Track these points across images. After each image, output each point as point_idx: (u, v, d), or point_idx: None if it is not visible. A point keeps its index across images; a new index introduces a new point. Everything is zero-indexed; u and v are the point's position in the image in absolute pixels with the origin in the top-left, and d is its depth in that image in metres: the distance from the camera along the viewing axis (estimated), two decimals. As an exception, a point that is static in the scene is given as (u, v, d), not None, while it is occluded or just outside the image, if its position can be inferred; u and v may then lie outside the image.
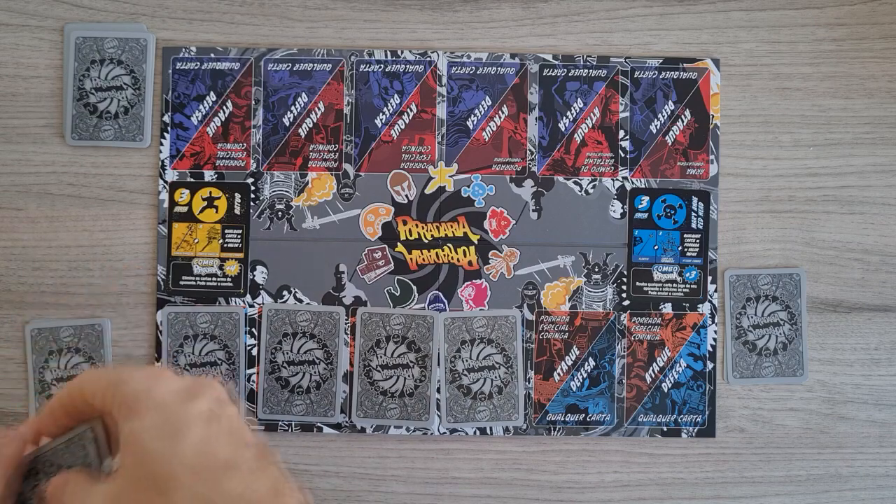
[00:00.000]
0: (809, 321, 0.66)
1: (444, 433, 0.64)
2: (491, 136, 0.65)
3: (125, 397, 0.32)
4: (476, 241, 0.65)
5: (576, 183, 0.65)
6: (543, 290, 0.65)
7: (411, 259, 0.65)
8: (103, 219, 0.64)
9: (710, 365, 0.65)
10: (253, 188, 0.65)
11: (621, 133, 0.66)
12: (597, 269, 0.65)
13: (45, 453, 0.35)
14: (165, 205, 0.64)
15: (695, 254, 0.66)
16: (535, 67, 0.65)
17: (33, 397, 0.63)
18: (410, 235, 0.65)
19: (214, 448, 0.31)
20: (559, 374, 0.65)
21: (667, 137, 0.66)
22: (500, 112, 0.65)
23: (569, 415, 0.65)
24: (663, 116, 0.66)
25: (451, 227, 0.65)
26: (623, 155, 0.66)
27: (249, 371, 0.64)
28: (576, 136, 0.66)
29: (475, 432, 0.64)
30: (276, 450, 0.34)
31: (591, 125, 0.66)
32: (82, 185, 0.64)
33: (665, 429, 0.65)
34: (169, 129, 0.65)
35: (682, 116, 0.66)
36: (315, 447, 0.65)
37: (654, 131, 0.66)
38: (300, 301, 0.64)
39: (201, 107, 0.65)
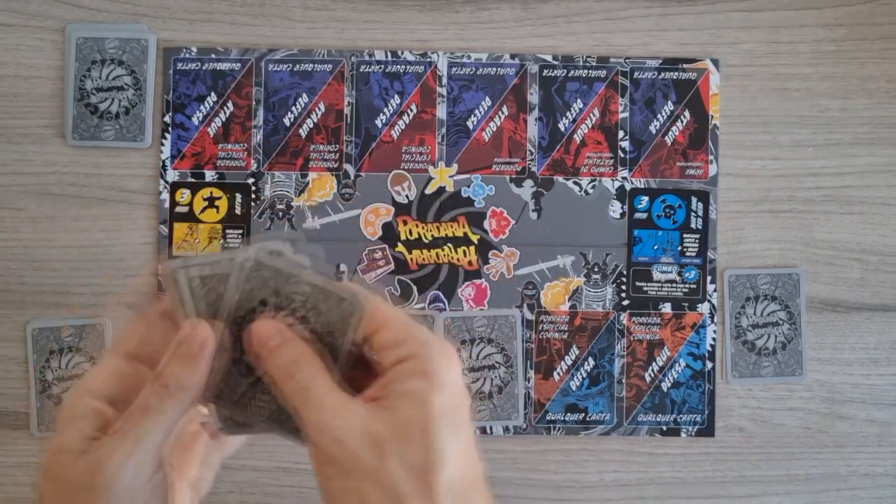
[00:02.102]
0: (808, 321, 0.66)
1: (445, 433, 0.64)
2: (491, 137, 0.66)
3: (426, 358, 0.31)
4: (476, 241, 0.65)
5: (575, 183, 0.66)
6: (543, 289, 0.65)
7: (411, 259, 0.65)
8: (104, 219, 0.65)
9: (709, 364, 0.66)
10: (254, 188, 0.65)
11: (621, 133, 0.66)
12: (596, 269, 0.65)
13: (309, 294, 0.33)
14: (166, 205, 0.65)
15: (694, 254, 0.66)
16: (535, 68, 0.66)
17: (34, 397, 0.63)
18: (411, 235, 0.65)
19: (472, 461, 0.32)
20: (559, 374, 0.65)
21: (666, 138, 0.66)
22: (499, 112, 0.66)
23: (568, 414, 0.65)
24: (663, 117, 0.66)
25: (451, 227, 0.65)
26: (622, 155, 0.66)
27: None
28: (575, 136, 0.66)
29: (475, 431, 0.65)
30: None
31: (590, 125, 0.66)
32: (83, 185, 0.65)
33: (664, 428, 0.65)
34: (170, 129, 0.65)
35: (682, 117, 0.66)
36: (315, 447, 0.65)
37: (654, 132, 0.66)
38: (301, 301, 0.64)
39: (202, 107, 0.65)
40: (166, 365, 0.32)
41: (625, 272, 0.65)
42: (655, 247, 0.66)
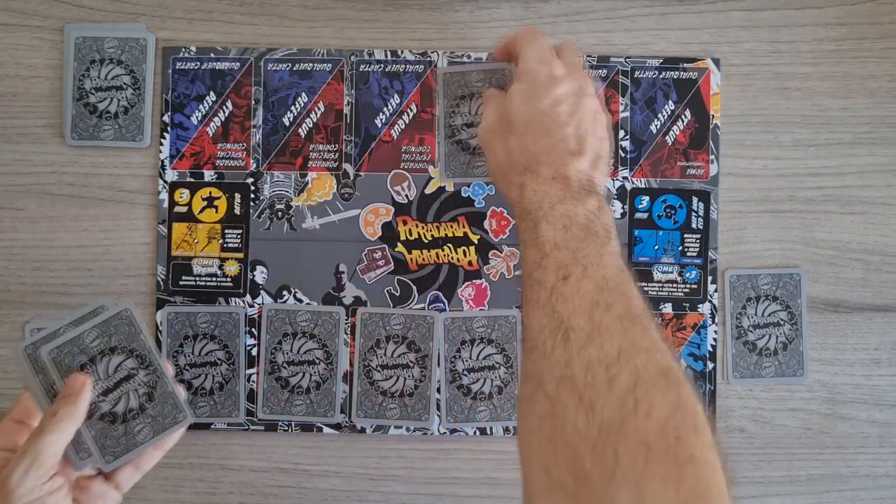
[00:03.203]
0: (810, 321, 0.66)
1: (444, 433, 0.64)
2: (491, 136, 0.65)
3: (522, 65, 0.54)
4: (476, 241, 0.65)
5: (576, 183, 0.65)
6: (543, 290, 0.65)
7: (411, 259, 0.65)
8: (103, 219, 0.65)
9: (710, 365, 0.65)
10: (253, 188, 0.65)
11: (621, 133, 0.66)
12: (597, 269, 0.65)
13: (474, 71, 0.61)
14: (165, 205, 0.64)
15: (695, 254, 0.66)
16: (535, 67, 0.65)
17: (33, 397, 0.63)
18: (410, 235, 0.65)
19: (548, 117, 0.52)
20: (559, 374, 0.65)
21: (667, 137, 0.66)
22: (500, 112, 0.65)
23: (569, 415, 0.65)
24: (663, 116, 0.66)
25: (451, 227, 0.65)
26: (623, 155, 0.66)
27: (249, 371, 0.64)
28: (576, 135, 0.65)
29: (475, 432, 0.64)
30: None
31: (591, 125, 0.66)
32: (82, 185, 0.64)
33: (665, 429, 0.65)
34: (169, 128, 0.65)
35: (683, 116, 0.66)
36: (315, 447, 0.65)
37: (655, 131, 0.66)
38: (300, 301, 0.64)
39: (201, 107, 0.65)
40: (57, 403, 0.47)
41: (625, 272, 0.65)
42: (656, 247, 0.66)
